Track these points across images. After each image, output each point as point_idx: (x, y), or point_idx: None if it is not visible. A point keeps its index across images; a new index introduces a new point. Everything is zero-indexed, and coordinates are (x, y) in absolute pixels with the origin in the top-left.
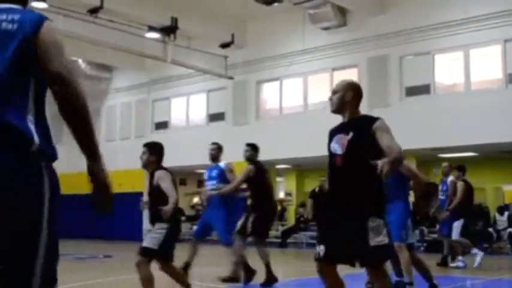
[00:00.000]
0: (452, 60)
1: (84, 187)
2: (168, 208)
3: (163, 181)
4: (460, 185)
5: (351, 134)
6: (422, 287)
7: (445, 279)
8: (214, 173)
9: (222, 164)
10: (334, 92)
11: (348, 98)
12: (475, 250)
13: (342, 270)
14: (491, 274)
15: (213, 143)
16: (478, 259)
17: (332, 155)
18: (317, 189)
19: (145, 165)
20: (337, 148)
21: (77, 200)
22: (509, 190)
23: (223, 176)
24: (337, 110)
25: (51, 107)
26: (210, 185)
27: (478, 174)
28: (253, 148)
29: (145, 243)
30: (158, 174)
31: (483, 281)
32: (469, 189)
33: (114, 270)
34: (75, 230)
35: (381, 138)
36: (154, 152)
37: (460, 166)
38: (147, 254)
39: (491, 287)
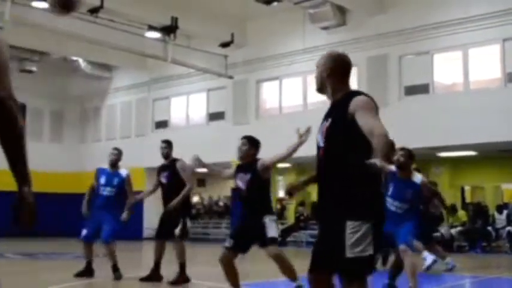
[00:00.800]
0: (451, 59)
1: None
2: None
3: (267, 172)
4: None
5: (329, 120)
6: None
7: (444, 278)
8: (116, 181)
9: (122, 172)
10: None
11: (325, 72)
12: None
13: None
14: (490, 272)
15: (114, 148)
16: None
17: (317, 148)
18: None
19: (244, 157)
20: (320, 139)
21: (77, 199)
22: (508, 189)
23: (122, 186)
24: (318, 89)
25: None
26: (104, 191)
27: (477, 173)
28: (169, 145)
29: (272, 234)
30: (262, 162)
31: (482, 279)
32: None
33: None
34: (75, 229)
35: (361, 120)
36: (254, 145)
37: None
38: (275, 243)
39: (490, 285)
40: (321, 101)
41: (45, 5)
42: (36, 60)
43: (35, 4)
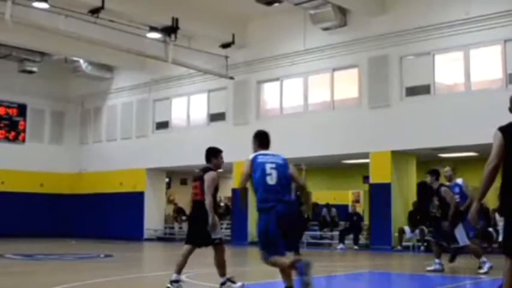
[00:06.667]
0: (453, 60)
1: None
2: None
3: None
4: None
5: None
6: None
7: (446, 279)
8: None
9: None
10: None
11: None
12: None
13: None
14: (491, 274)
15: None
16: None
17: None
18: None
19: None
20: None
21: (75, 200)
22: None
23: None
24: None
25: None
26: None
27: (478, 174)
28: None
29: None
30: None
31: (483, 280)
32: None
33: (114, 270)
34: (75, 230)
35: None
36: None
37: (433, 170)
38: None
39: (492, 286)
40: (321, 102)
41: (46, 5)
42: (37, 61)
43: (35, 4)
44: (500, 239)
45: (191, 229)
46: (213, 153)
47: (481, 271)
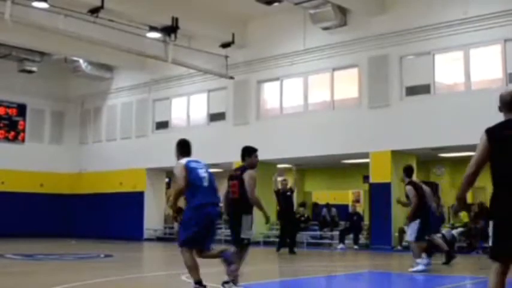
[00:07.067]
0: (453, 60)
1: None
2: None
3: None
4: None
5: None
6: None
7: (445, 279)
8: None
9: None
10: None
11: None
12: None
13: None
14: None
15: None
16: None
17: None
18: None
19: None
20: None
21: (75, 200)
22: None
23: None
24: None
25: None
26: None
27: None
28: None
29: None
30: None
31: (483, 280)
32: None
33: (114, 270)
34: (75, 230)
35: None
36: None
37: (406, 167)
38: None
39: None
40: (321, 102)
41: (45, 5)
42: (37, 61)
43: (35, 4)
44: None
45: (232, 229)
46: (247, 152)
47: (412, 269)
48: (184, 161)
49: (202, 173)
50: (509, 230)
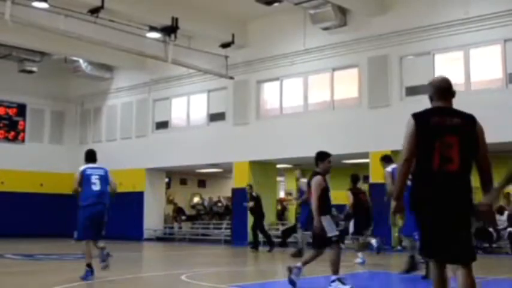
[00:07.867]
0: (453, 60)
1: None
2: None
3: None
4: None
5: None
6: None
7: None
8: None
9: None
10: None
11: None
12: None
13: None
14: (491, 273)
15: None
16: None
17: None
18: None
19: None
20: None
21: (75, 200)
22: (509, 190)
23: None
24: None
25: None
26: None
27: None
28: None
29: None
30: None
31: (483, 280)
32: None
33: (114, 270)
34: (75, 230)
35: None
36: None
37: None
38: None
39: (491, 286)
40: (321, 102)
41: (45, 5)
42: (37, 61)
43: (36, 4)
44: (506, 237)
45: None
46: (320, 158)
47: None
48: (82, 168)
49: (94, 178)
50: (434, 230)
